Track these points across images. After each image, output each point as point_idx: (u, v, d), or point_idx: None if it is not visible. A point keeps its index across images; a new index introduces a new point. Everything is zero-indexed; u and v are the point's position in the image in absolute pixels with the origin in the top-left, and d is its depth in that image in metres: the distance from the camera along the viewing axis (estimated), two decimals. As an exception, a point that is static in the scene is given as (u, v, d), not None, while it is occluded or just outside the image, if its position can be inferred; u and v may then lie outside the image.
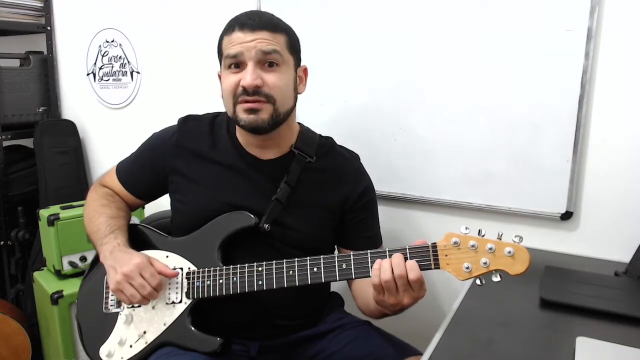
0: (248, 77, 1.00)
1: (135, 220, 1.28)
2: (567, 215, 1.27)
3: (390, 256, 0.91)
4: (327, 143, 1.18)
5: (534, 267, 0.85)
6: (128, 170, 1.24)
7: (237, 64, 1.03)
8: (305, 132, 1.16)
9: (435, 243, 0.90)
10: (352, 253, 0.96)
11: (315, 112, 1.53)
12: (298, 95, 1.12)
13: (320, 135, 1.19)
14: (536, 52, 1.24)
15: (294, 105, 1.11)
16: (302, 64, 1.13)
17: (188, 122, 1.18)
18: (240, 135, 1.14)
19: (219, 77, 1.10)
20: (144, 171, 1.21)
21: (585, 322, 0.91)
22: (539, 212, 1.30)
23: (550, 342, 0.86)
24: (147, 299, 1.02)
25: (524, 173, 1.30)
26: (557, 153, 1.25)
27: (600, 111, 1.22)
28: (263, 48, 1.00)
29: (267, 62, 1.02)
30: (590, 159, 1.24)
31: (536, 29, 1.23)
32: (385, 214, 1.24)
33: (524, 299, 1.00)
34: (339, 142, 1.22)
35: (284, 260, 0.99)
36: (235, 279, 1.02)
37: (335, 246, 1.20)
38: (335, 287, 1.26)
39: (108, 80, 2.12)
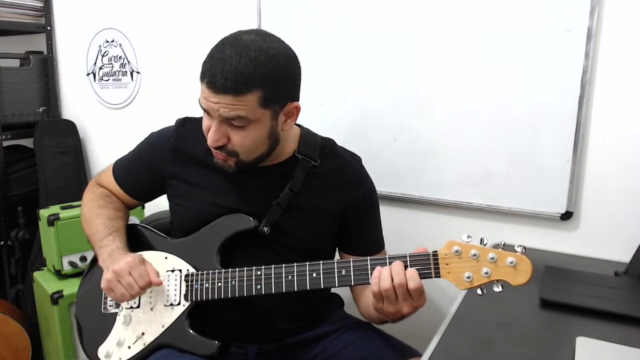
0: (211, 137, 0.97)
1: (135, 220, 1.28)
2: (567, 215, 1.27)
3: (390, 263, 0.90)
4: (328, 145, 1.16)
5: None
6: (125, 170, 1.23)
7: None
8: (306, 135, 1.14)
9: (436, 251, 0.89)
10: (351, 259, 0.95)
11: (315, 113, 1.53)
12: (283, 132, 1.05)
13: (321, 137, 1.17)
14: (536, 52, 1.24)
15: (273, 146, 1.04)
16: (295, 102, 1.02)
17: (186, 124, 1.17)
18: None
19: None
20: (141, 172, 1.20)
21: (585, 322, 0.91)
22: (539, 212, 1.30)
23: (550, 342, 0.86)
24: (135, 298, 1.02)
25: (524, 173, 1.30)
26: (557, 153, 1.25)
27: (600, 111, 1.22)
28: (225, 115, 0.94)
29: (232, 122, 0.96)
30: (590, 159, 1.24)
31: (536, 29, 1.23)
32: (386, 215, 1.24)
33: (524, 299, 1.00)
34: (339, 142, 1.20)
35: (283, 265, 0.99)
36: (234, 282, 1.01)
37: (337, 249, 1.19)
38: (335, 288, 1.25)
39: (108, 80, 2.12)
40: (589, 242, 1.27)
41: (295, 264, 0.98)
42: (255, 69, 0.92)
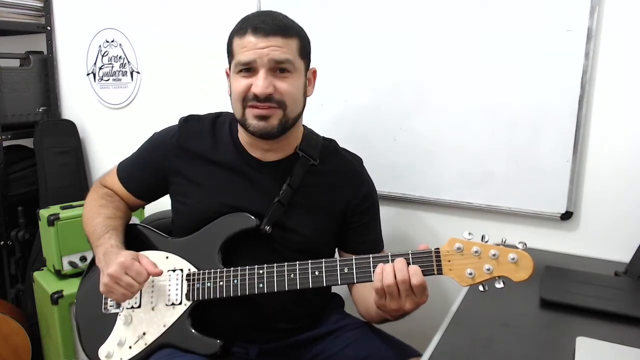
0: (260, 84, 0.98)
1: (135, 220, 1.28)
2: (567, 215, 1.27)
3: (392, 261, 0.90)
4: (330, 146, 1.18)
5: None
6: (129, 170, 1.24)
7: (249, 69, 1.01)
8: (309, 134, 1.16)
9: (438, 248, 0.89)
10: (354, 257, 0.95)
11: (315, 112, 1.52)
12: (307, 98, 1.11)
13: (323, 137, 1.19)
14: (536, 52, 1.24)
15: (303, 109, 1.10)
16: (311, 66, 1.11)
17: (189, 122, 1.18)
18: (243, 137, 1.13)
19: (227, 74, 1.10)
20: (145, 171, 1.21)
21: (585, 322, 0.91)
22: (539, 212, 1.30)
23: (550, 342, 0.86)
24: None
25: (524, 173, 1.30)
26: (557, 153, 1.25)
27: (600, 111, 1.22)
28: (276, 57, 0.98)
29: (278, 68, 1.01)
30: (590, 159, 1.24)
31: (536, 29, 1.23)
32: (385, 214, 1.24)
33: (524, 299, 1.00)
34: (339, 142, 1.21)
35: (285, 263, 0.99)
36: (235, 281, 1.02)
37: (336, 249, 1.19)
38: (335, 288, 1.25)
39: (108, 80, 2.12)
40: (589, 242, 1.27)
41: (297, 262, 0.98)
42: (292, 22, 1.05)
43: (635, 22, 1.15)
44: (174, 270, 1.08)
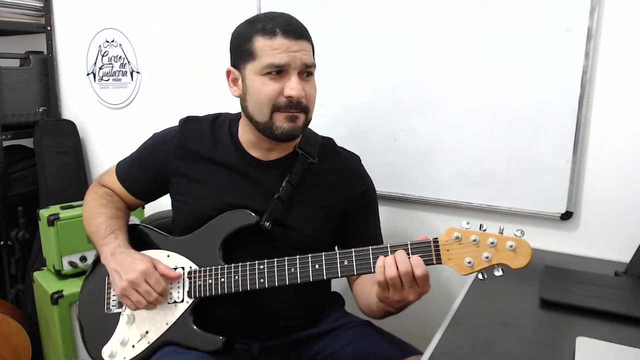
0: (295, 87, 0.99)
1: (135, 220, 1.28)
2: (567, 215, 1.27)
3: (392, 252, 0.91)
4: (328, 144, 1.19)
5: (534, 267, 0.85)
6: (128, 170, 1.24)
7: (279, 71, 1.00)
8: (307, 133, 1.16)
9: (437, 238, 0.90)
10: (353, 250, 0.96)
11: (315, 112, 1.52)
12: None
13: (321, 136, 1.19)
14: (536, 52, 1.24)
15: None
16: None
17: (189, 122, 1.18)
18: (243, 137, 1.13)
19: (228, 73, 1.09)
20: (144, 171, 1.21)
21: (585, 322, 0.91)
22: (539, 212, 1.30)
23: (550, 342, 0.86)
24: (153, 304, 1.03)
25: (524, 173, 1.30)
26: (557, 153, 1.25)
27: (600, 111, 1.22)
28: (306, 61, 1.01)
29: (306, 72, 1.02)
30: (590, 159, 1.24)
31: (536, 29, 1.23)
32: (385, 214, 1.24)
33: (524, 299, 1.00)
34: (339, 142, 1.22)
35: (286, 257, 1.00)
36: (237, 277, 1.02)
37: (336, 247, 1.20)
38: (335, 287, 1.26)
39: (108, 80, 2.12)
40: (589, 242, 1.27)
41: (297, 256, 0.99)
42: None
43: (635, 22, 1.16)
44: (175, 269, 1.08)
